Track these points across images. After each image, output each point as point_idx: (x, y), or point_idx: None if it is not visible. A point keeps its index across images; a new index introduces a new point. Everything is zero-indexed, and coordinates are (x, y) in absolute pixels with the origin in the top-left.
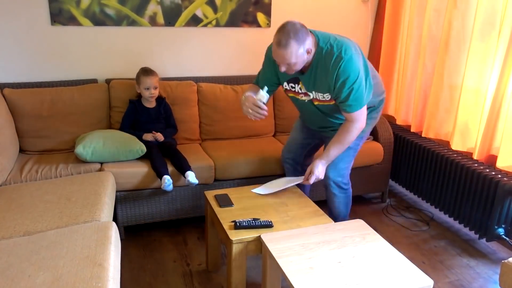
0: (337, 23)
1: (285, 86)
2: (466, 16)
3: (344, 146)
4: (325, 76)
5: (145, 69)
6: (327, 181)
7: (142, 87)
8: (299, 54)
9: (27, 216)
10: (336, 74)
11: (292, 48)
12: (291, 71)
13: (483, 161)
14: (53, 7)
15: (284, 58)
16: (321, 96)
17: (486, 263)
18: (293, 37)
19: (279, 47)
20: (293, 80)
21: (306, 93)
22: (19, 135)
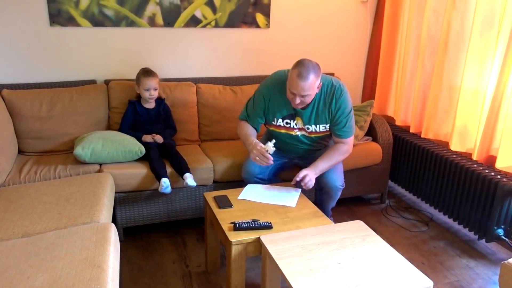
0: (336, 24)
1: (279, 122)
2: (465, 16)
3: (332, 164)
4: (327, 107)
5: (145, 70)
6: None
7: (142, 88)
8: (315, 87)
9: (26, 218)
10: (337, 104)
11: (311, 79)
12: (302, 104)
13: (482, 161)
14: (52, 7)
15: (303, 89)
16: (322, 128)
17: (486, 264)
18: (312, 70)
19: (300, 78)
20: (289, 117)
21: (301, 128)
22: (18, 136)
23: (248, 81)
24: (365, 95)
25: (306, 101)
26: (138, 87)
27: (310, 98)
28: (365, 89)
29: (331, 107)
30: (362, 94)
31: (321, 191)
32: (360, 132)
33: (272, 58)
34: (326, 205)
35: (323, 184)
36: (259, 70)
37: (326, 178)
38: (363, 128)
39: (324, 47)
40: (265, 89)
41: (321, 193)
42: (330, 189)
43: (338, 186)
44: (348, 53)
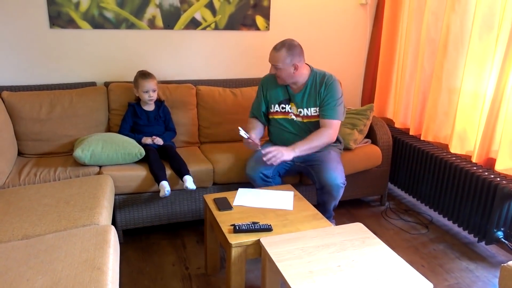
0: (336, 26)
1: (276, 108)
2: (464, 19)
3: (312, 145)
4: (317, 91)
5: (142, 72)
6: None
7: (141, 91)
8: (285, 61)
9: (25, 220)
10: (327, 88)
11: (281, 53)
12: (278, 78)
13: (481, 164)
14: (52, 10)
15: (273, 59)
16: (313, 111)
17: (486, 266)
18: (286, 46)
19: (273, 49)
20: (284, 102)
21: (296, 114)
22: (18, 138)
23: (247, 83)
24: (365, 97)
25: (279, 75)
26: (137, 90)
27: (282, 74)
28: (365, 91)
29: (320, 90)
30: (361, 96)
31: (322, 190)
32: (360, 135)
33: None
34: (328, 204)
35: (324, 183)
36: (258, 73)
37: (326, 177)
38: (362, 132)
39: (324, 49)
40: (263, 80)
41: (322, 192)
42: (331, 187)
43: (339, 184)
44: (348, 55)
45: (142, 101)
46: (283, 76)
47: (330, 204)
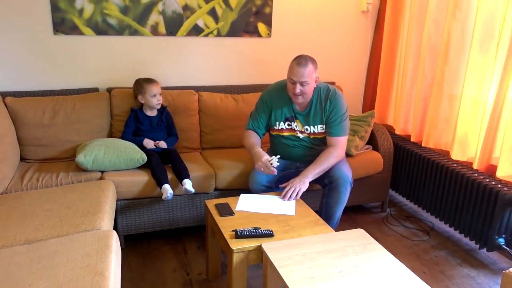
0: (337, 33)
1: (281, 126)
2: (465, 26)
3: (324, 168)
4: (322, 108)
5: (145, 78)
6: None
7: (148, 95)
8: (313, 76)
9: (27, 225)
10: (332, 104)
11: (310, 67)
12: (302, 95)
13: (483, 171)
14: (56, 16)
15: (303, 75)
16: (320, 128)
17: (487, 273)
18: (310, 60)
19: (299, 65)
20: (290, 119)
21: (302, 131)
22: (20, 143)
23: (249, 90)
24: (366, 104)
25: (306, 91)
26: (143, 96)
27: (309, 89)
28: (366, 98)
29: (325, 107)
30: (362, 103)
31: (330, 185)
32: (361, 142)
33: (274, 67)
34: (334, 208)
35: (333, 177)
36: (260, 79)
37: (336, 171)
38: (363, 139)
39: (325, 56)
40: (267, 95)
41: (329, 188)
42: (340, 180)
43: (348, 178)
44: (349, 62)
45: (145, 107)
46: (308, 93)
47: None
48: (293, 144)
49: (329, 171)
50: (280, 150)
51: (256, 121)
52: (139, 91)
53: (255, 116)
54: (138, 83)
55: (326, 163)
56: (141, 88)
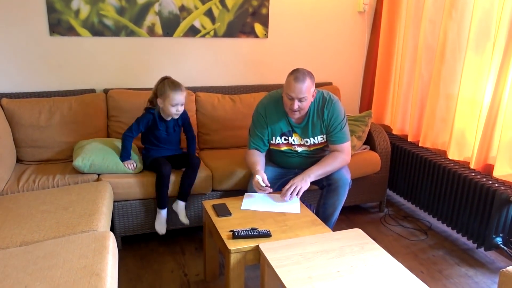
0: (334, 34)
1: (278, 140)
2: (461, 26)
3: (327, 170)
4: (320, 118)
5: (172, 81)
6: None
7: (168, 103)
8: (311, 91)
9: (24, 226)
10: (329, 112)
11: (308, 82)
12: (299, 111)
13: (480, 170)
14: (52, 17)
15: (301, 91)
16: (320, 138)
17: (485, 272)
18: (308, 75)
19: (297, 81)
20: (287, 134)
21: (300, 144)
22: (17, 145)
23: (247, 90)
24: (363, 104)
25: (304, 106)
26: (163, 101)
27: (307, 104)
28: (363, 98)
29: (323, 117)
30: (360, 103)
31: (329, 187)
32: (358, 142)
33: (271, 68)
34: (332, 209)
35: (332, 179)
36: (257, 80)
37: (335, 172)
38: (361, 138)
39: (322, 57)
40: (261, 107)
41: (328, 190)
42: (339, 182)
43: (347, 179)
44: (346, 63)
45: (162, 110)
46: (306, 107)
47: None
48: (291, 155)
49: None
50: (279, 159)
51: (256, 137)
52: (160, 93)
53: (254, 133)
54: (163, 84)
55: (331, 166)
56: (163, 92)
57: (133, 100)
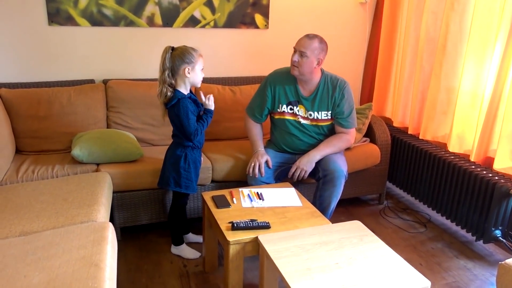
0: (335, 25)
1: (283, 108)
2: (463, 18)
3: (335, 149)
4: (330, 95)
5: (184, 47)
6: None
7: (199, 69)
8: (314, 52)
9: (23, 217)
10: (341, 93)
11: (315, 42)
12: (297, 68)
13: (480, 163)
14: (51, 7)
15: (304, 45)
16: (324, 115)
17: (483, 265)
18: (318, 38)
19: (306, 36)
20: (293, 103)
21: (304, 117)
22: (16, 135)
23: (247, 82)
24: (364, 96)
25: (302, 64)
26: (192, 68)
27: (307, 64)
28: (364, 90)
29: (334, 95)
30: (360, 95)
31: (324, 178)
32: (358, 134)
33: (271, 59)
34: (329, 200)
35: (327, 170)
36: (258, 71)
37: (330, 164)
38: (361, 131)
39: None
40: (271, 77)
41: (324, 181)
42: (334, 173)
43: (343, 171)
44: (347, 54)
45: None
46: (304, 67)
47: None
48: (295, 132)
49: (324, 164)
50: (281, 138)
51: (259, 105)
52: (185, 61)
53: (257, 100)
54: (183, 51)
55: (336, 145)
56: (191, 57)
57: (133, 90)
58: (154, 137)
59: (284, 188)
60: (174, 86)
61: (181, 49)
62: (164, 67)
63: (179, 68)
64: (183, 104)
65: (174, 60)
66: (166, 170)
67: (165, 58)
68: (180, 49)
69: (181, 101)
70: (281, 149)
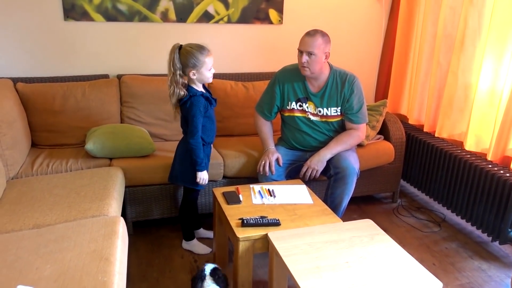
0: (350, 21)
1: (293, 105)
2: (482, 13)
3: (346, 146)
4: (339, 90)
5: (195, 45)
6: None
7: (205, 70)
8: (321, 48)
9: (36, 209)
10: (350, 88)
11: (318, 39)
12: (308, 68)
13: (497, 162)
14: (66, 2)
15: (310, 45)
16: (334, 111)
17: (498, 266)
18: (320, 32)
19: (307, 35)
20: (302, 100)
21: (314, 113)
22: (31, 129)
23: (260, 77)
24: (379, 93)
25: (312, 63)
26: (197, 71)
27: (316, 62)
28: (379, 86)
29: (343, 90)
30: (375, 92)
31: (336, 176)
32: (372, 131)
33: (285, 55)
34: (340, 198)
35: (339, 168)
36: (271, 67)
37: (342, 161)
38: (375, 128)
39: (337, 44)
40: (280, 74)
41: (335, 179)
42: (346, 171)
43: (354, 168)
44: (362, 50)
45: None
46: (315, 65)
47: (343, 197)
48: (305, 129)
49: (336, 162)
50: (292, 135)
51: (268, 102)
52: (189, 65)
53: (267, 97)
54: (189, 54)
55: (346, 142)
56: (196, 61)
57: (146, 86)
58: (167, 132)
59: (295, 185)
60: (187, 84)
61: (186, 51)
62: (175, 68)
63: (186, 71)
64: (195, 101)
65: (181, 60)
66: (176, 165)
67: (173, 59)
68: (185, 51)
69: (192, 99)
70: (291, 146)
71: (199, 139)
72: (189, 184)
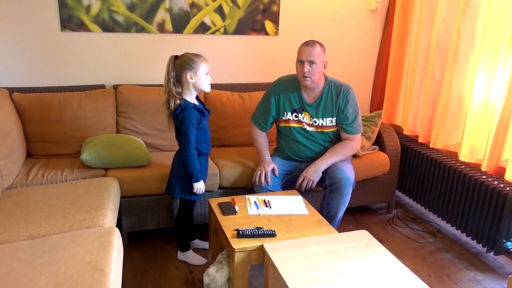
0: (346, 32)
1: (288, 116)
2: (475, 26)
3: (341, 157)
4: (334, 101)
5: (187, 54)
6: (344, 179)
7: (202, 73)
8: (321, 57)
9: (31, 220)
10: (346, 99)
11: (317, 48)
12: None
13: (491, 173)
14: (63, 13)
15: (310, 54)
16: (329, 121)
17: (494, 277)
18: (317, 42)
19: (307, 45)
20: (298, 110)
21: (309, 123)
22: (27, 139)
23: (256, 88)
24: (374, 103)
25: (314, 73)
26: (194, 74)
27: (317, 71)
28: (374, 97)
29: (338, 101)
30: (370, 103)
31: (331, 186)
32: (367, 142)
33: (281, 66)
34: (336, 209)
35: (334, 178)
36: (267, 77)
37: (337, 172)
38: (370, 139)
39: (333, 55)
40: (276, 85)
41: (331, 190)
42: (341, 181)
43: (350, 179)
44: (357, 61)
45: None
46: (315, 75)
47: (338, 207)
48: (301, 140)
49: (331, 173)
50: (288, 146)
51: (264, 113)
52: (186, 67)
53: (262, 108)
54: (185, 58)
55: (342, 153)
56: (192, 63)
57: (142, 96)
58: (163, 143)
59: (291, 196)
60: (181, 94)
61: (182, 57)
62: (169, 76)
63: (182, 75)
64: (187, 114)
65: (176, 68)
66: (173, 176)
67: (169, 67)
68: (182, 57)
69: (185, 111)
70: (287, 157)
71: (194, 151)
72: (187, 195)
